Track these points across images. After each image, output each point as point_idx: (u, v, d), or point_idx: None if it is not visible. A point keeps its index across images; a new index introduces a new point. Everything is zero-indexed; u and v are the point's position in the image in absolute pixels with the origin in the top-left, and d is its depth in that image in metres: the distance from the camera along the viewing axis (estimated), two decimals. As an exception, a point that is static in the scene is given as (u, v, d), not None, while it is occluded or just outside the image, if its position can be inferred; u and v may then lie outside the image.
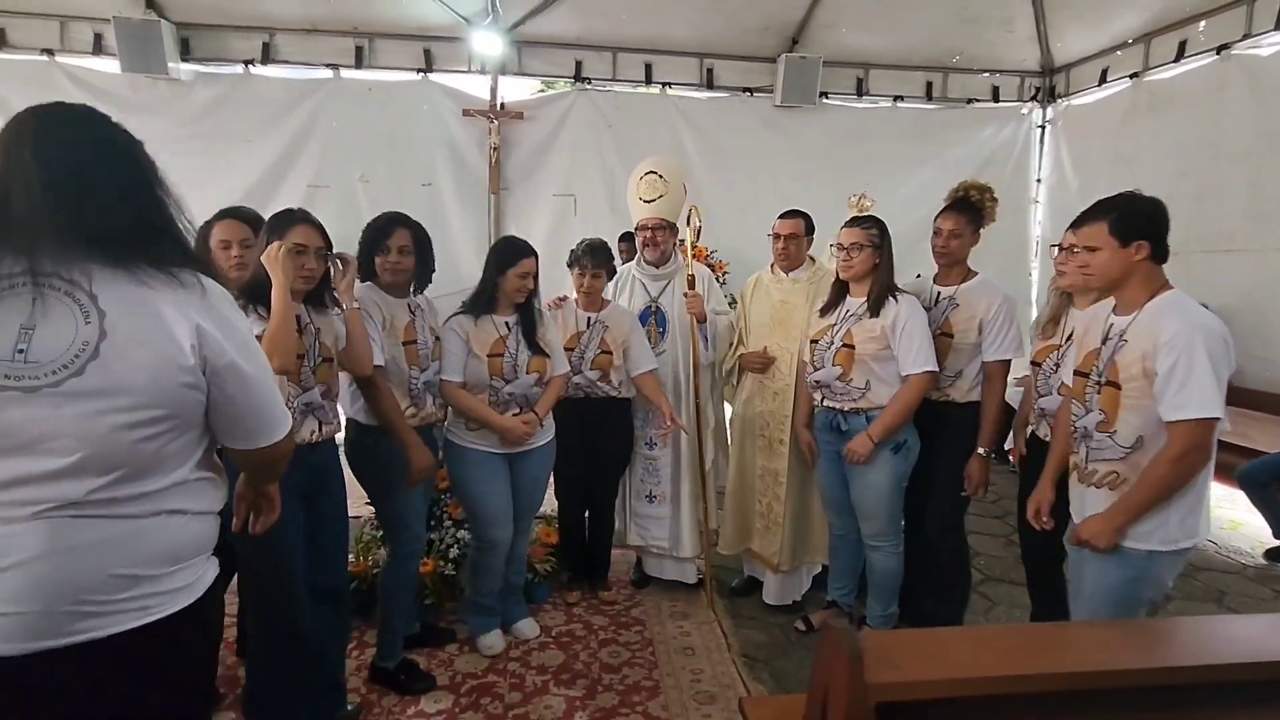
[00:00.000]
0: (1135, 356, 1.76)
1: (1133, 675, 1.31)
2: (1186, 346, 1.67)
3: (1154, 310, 1.77)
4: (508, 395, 2.57)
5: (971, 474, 2.59)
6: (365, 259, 2.35)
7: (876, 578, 2.70)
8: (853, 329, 2.54)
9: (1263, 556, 3.79)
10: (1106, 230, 1.78)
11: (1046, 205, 6.04)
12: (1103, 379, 1.84)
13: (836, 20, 5.40)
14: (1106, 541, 1.79)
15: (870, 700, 1.21)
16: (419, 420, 2.44)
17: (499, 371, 2.54)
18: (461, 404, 2.55)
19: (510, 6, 5.16)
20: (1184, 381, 1.66)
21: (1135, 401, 1.76)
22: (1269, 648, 1.40)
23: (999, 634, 1.82)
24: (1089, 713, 1.33)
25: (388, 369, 2.31)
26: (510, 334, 2.57)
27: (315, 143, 5.30)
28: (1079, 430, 1.92)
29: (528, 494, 2.73)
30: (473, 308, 2.58)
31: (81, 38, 4.93)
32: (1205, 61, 4.59)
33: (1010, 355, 2.55)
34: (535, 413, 2.59)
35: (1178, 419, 1.68)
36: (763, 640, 2.88)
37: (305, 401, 2.02)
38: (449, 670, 2.62)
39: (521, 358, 2.56)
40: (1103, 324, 1.89)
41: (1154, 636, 1.50)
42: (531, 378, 2.59)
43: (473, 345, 2.53)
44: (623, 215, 5.35)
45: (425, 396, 2.47)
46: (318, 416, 2.06)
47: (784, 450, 2.89)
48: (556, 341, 2.71)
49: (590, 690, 2.53)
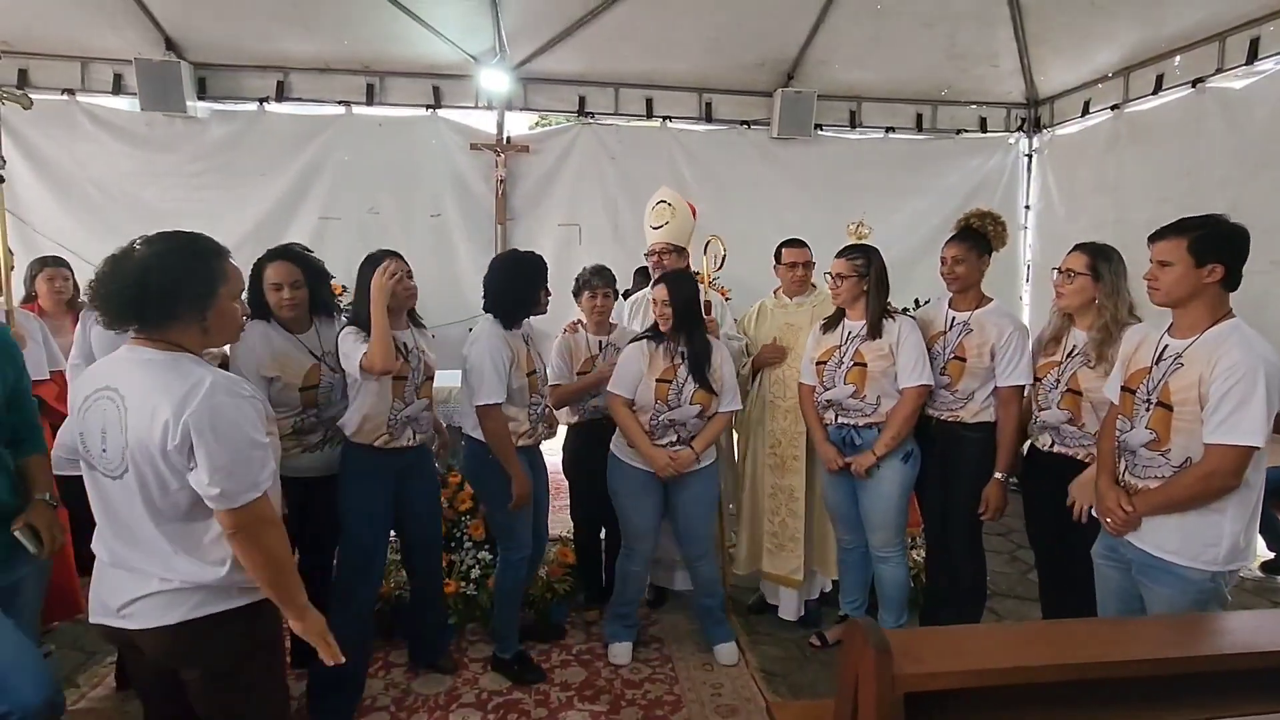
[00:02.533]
0: (1192, 380, 1.77)
1: (1145, 665, 1.41)
2: (1248, 375, 1.68)
3: (1216, 336, 1.78)
4: (667, 421, 2.69)
5: (989, 499, 2.66)
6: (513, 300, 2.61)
7: (886, 589, 2.79)
8: (861, 349, 2.67)
9: (1259, 569, 3.89)
10: (1185, 247, 1.78)
11: (1034, 231, 6.24)
12: (1153, 399, 1.86)
13: (830, 56, 5.62)
14: (1122, 528, 1.89)
15: (899, 690, 1.30)
16: (533, 441, 2.70)
17: (664, 396, 2.66)
18: (622, 421, 2.72)
19: (517, 45, 5.36)
20: (1236, 407, 1.69)
21: (1186, 425, 1.79)
22: (1271, 640, 1.50)
23: (1014, 630, 1.91)
24: (1102, 702, 1.43)
25: (514, 398, 2.57)
26: (683, 364, 2.68)
27: (327, 176, 5.44)
28: (1121, 444, 1.97)
29: (686, 516, 2.81)
30: (655, 335, 2.75)
31: (102, 78, 5.08)
32: (1182, 94, 4.81)
33: (1024, 381, 2.61)
34: (692, 447, 2.71)
35: (1222, 442, 1.70)
36: (780, 655, 2.96)
37: (407, 415, 2.44)
38: (475, 688, 2.68)
39: (688, 389, 2.67)
40: (1155, 345, 1.91)
41: (1165, 630, 1.60)
42: (694, 409, 2.69)
43: (649, 368, 2.68)
44: (625, 244, 5.53)
45: (540, 423, 2.71)
46: (413, 428, 2.48)
47: (799, 466, 3.00)
48: (730, 380, 2.78)
49: (614, 706, 2.59)
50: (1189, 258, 1.80)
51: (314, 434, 2.47)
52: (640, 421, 2.70)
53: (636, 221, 5.45)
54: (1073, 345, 2.45)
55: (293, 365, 2.40)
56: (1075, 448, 2.44)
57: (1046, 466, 2.50)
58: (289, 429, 2.40)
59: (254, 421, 1.47)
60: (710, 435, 2.76)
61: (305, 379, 2.41)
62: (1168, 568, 1.86)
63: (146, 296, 1.43)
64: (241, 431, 1.44)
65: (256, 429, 1.47)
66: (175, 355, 1.47)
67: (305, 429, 2.45)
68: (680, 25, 5.29)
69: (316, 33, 5.07)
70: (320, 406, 2.46)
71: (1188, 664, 1.37)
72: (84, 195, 5.03)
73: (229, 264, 1.56)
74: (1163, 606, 1.87)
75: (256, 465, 1.45)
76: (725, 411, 2.78)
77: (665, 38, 5.39)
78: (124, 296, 1.43)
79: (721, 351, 2.79)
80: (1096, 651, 1.39)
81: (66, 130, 4.98)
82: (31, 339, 2.81)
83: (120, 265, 1.45)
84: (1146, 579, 1.92)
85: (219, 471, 1.40)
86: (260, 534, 1.46)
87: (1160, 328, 1.98)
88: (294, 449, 2.41)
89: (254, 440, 1.46)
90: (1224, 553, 1.81)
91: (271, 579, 1.49)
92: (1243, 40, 4.40)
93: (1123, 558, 2.00)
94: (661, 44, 5.45)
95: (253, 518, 1.44)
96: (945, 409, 2.71)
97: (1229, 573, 1.84)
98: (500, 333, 2.55)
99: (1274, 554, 3.80)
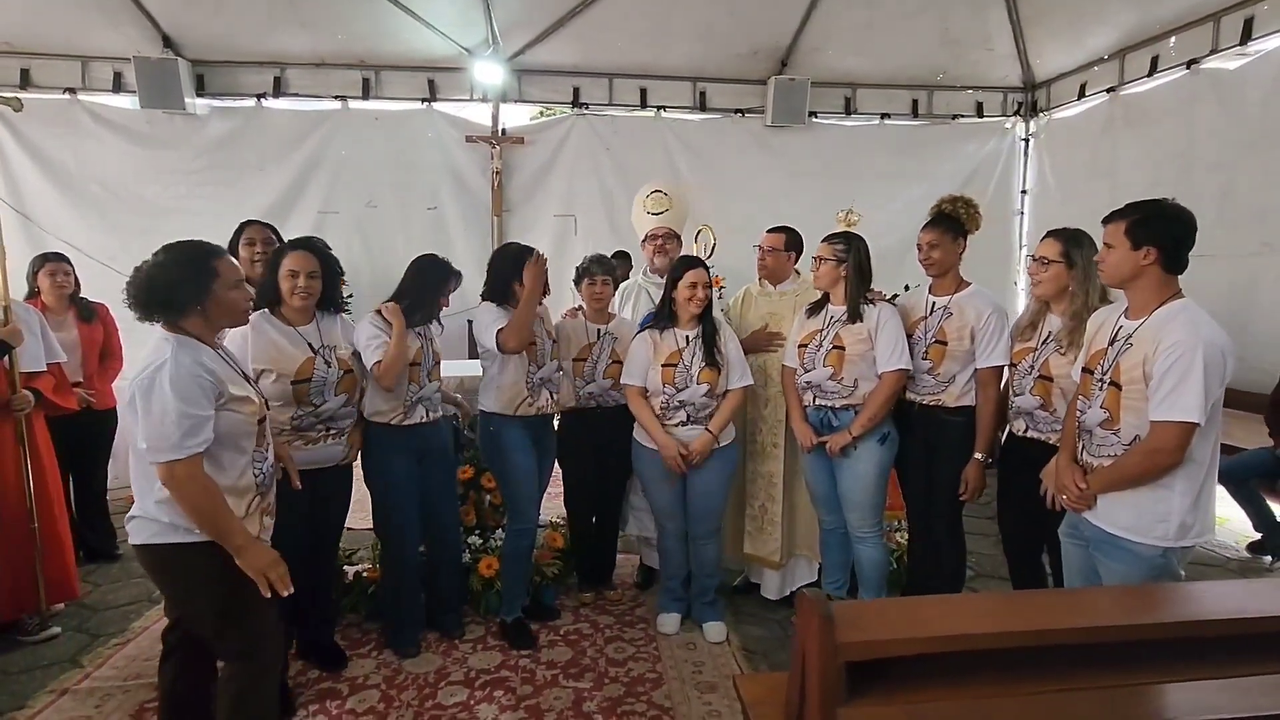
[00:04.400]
0: (1138, 359, 1.84)
1: (1083, 634, 1.46)
2: (1186, 353, 1.74)
3: (1162, 317, 1.84)
4: (677, 403, 2.79)
5: (969, 479, 2.70)
6: (503, 284, 2.83)
7: (865, 569, 2.84)
8: (840, 332, 2.71)
9: (1245, 550, 3.92)
10: (1123, 230, 1.88)
11: (1031, 216, 6.21)
12: (1106, 379, 1.92)
13: (824, 43, 5.62)
14: (1077, 504, 1.98)
15: (840, 659, 1.36)
16: (535, 411, 2.88)
17: (671, 379, 2.78)
18: (639, 412, 2.87)
19: (510, 37, 5.40)
20: (1174, 386, 1.75)
21: (1134, 403, 1.86)
22: (1242, 607, 1.54)
23: (966, 601, 1.96)
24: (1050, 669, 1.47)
25: (514, 367, 2.83)
26: (689, 346, 2.81)
27: (324, 171, 5.51)
28: (1080, 424, 2.02)
29: (699, 495, 2.89)
30: (658, 321, 2.87)
31: (102, 76, 5.16)
32: (1176, 75, 4.78)
33: (1002, 362, 2.65)
34: (709, 430, 2.79)
35: (1163, 419, 1.78)
36: (762, 634, 3.02)
37: (420, 396, 2.73)
38: (464, 667, 2.76)
39: (695, 368, 2.78)
40: (1112, 326, 1.98)
41: (1106, 599, 1.65)
42: (702, 387, 2.77)
43: (655, 355, 2.82)
44: (621, 234, 5.56)
45: (541, 391, 2.89)
46: (425, 406, 2.76)
47: (778, 453, 3.05)
48: (737, 356, 2.86)
49: (597, 682, 2.66)
50: (1126, 240, 1.87)
51: (312, 430, 2.50)
52: (652, 406, 2.83)
53: (632, 211, 5.50)
54: (1047, 331, 2.48)
55: (285, 358, 2.43)
56: (1047, 433, 2.47)
57: (1021, 452, 2.54)
58: (287, 425, 2.44)
59: (192, 397, 1.74)
60: (726, 413, 2.82)
61: (298, 373, 2.45)
62: (1120, 543, 1.90)
63: (154, 297, 1.80)
64: (170, 402, 1.71)
65: (193, 404, 1.73)
66: (176, 338, 1.81)
67: (304, 426, 2.47)
68: (673, 14, 5.31)
69: (312, 28, 5.13)
70: (314, 402, 2.47)
71: (1124, 632, 1.42)
72: (87, 192, 5.13)
73: (221, 262, 1.89)
74: (1117, 581, 1.92)
75: (178, 432, 1.71)
76: (737, 388, 2.84)
77: (658, 27, 5.41)
78: (140, 298, 1.81)
79: (725, 329, 2.89)
80: (1036, 619, 1.44)
81: (68, 129, 5.07)
82: (30, 332, 2.88)
83: (138, 273, 1.83)
84: (1101, 554, 1.97)
85: (147, 430, 1.73)
86: (181, 488, 1.74)
87: (1117, 309, 2.03)
88: (295, 442, 2.46)
89: (183, 411, 1.72)
90: (1174, 529, 1.85)
91: (200, 522, 1.77)
92: (1237, 20, 4.37)
93: (1082, 535, 2.04)
94: (655, 33, 5.47)
95: (172, 475, 1.72)
96: (928, 393, 2.75)
97: (1181, 549, 1.88)
98: (496, 312, 2.80)
99: (1260, 534, 3.82)
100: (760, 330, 3.09)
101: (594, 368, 3.05)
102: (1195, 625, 1.43)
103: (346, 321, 2.68)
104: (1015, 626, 1.40)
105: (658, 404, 2.82)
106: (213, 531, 1.78)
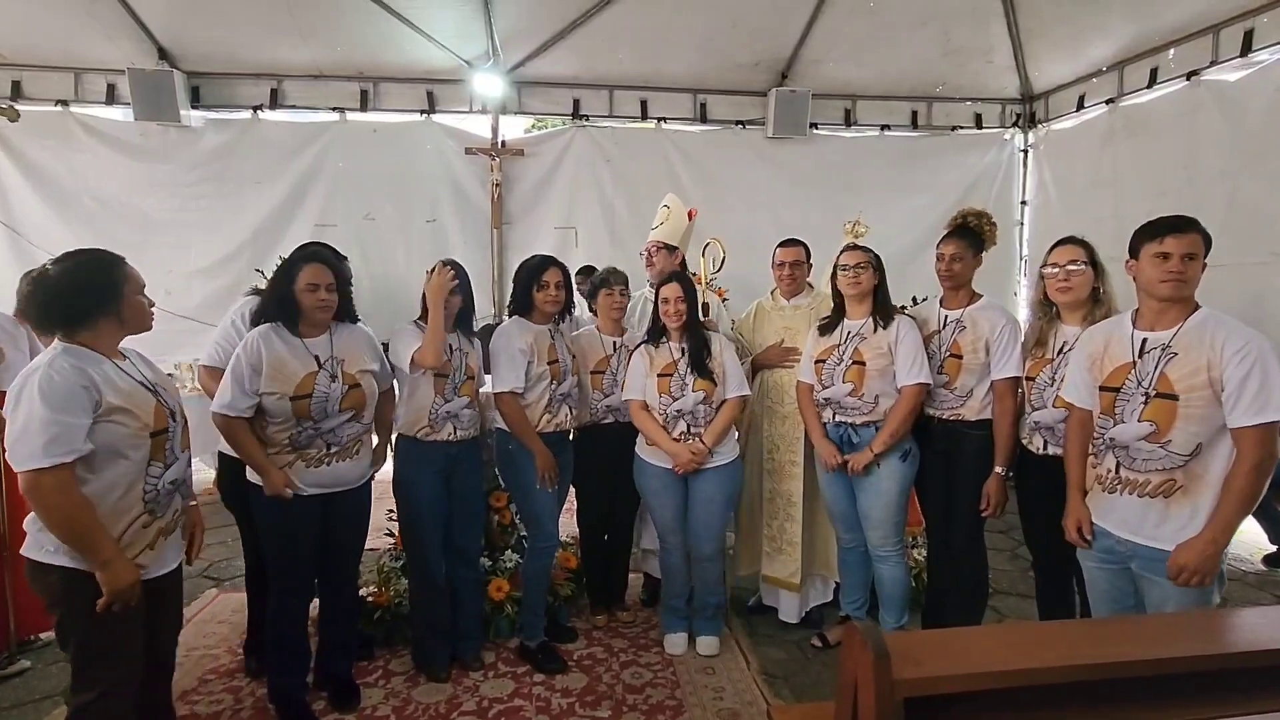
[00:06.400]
0: (1197, 367, 1.79)
1: (1148, 665, 1.40)
2: (1259, 354, 1.72)
3: (1201, 324, 1.82)
4: (675, 412, 2.78)
5: (990, 493, 2.64)
6: (523, 294, 2.82)
7: (886, 588, 2.77)
8: (860, 347, 2.66)
9: (1261, 562, 3.88)
10: (1200, 241, 1.84)
11: (1031, 226, 6.24)
12: (1152, 391, 1.86)
13: (824, 55, 5.62)
14: (1214, 568, 1.81)
15: (899, 695, 1.29)
16: (554, 427, 2.82)
17: (667, 390, 2.77)
18: (641, 423, 2.85)
19: (511, 49, 5.37)
20: (1261, 386, 1.71)
21: (1197, 411, 1.79)
22: (1272, 637, 1.49)
23: (1015, 631, 1.90)
24: (1107, 702, 1.41)
25: (533, 384, 2.77)
26: (684, 357, 2.80)
27: (322, 183, 5.45)
28: (1105, 441, 1.96)
29: (701, 513, 2.85)
30: (652, 334, 2.88)
31: (95, 88, 5.09)
32: (1177, 87, 4.80)
33: (1016, 373, 2.59)
34: (703, 441, 2.76)
35: (1257, 422, 1.71)
36: (781, 657, 2.94)
37: (446, 410, 2.65)
38: (475, 695, 2.67)
39: (690, 379, 2.77)
40: (1128, 340, 1.93)
41: (1165, 629, 1.59)
42: (698, 395, 2.76)
43: (650, 367, 2.83)
44: (622, 246, 5.52)
45: (562, 406, 2.84)
46: (453, 423, 2.67)
47: (797, 471, 2.99)
48: (733, 367, 2.84)
49: (615, 711, 2.58)
50: (1203, 250, 1.84)
51: (312, 448, 2.37)
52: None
53: (633, 223, 5.48)
54: (1063, 341, 2.43)
55: (286, 373, 2.33)
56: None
57: (1042, 470, 2.47)
58: (285, 442, 2.34)
59: (61, 404, 1.65)
60: (721, 424, 2.78)
61: (298, 388, 2.34)
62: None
63: (62, 307, 1.73)
64: (36, 408, 1.64)
65: (62, 410, 1.65)
66: (62, 345, 1.74)
67: (302, 443, 2.35)
68: (674, 26, 5.30)
69: (309, 39, 5.08)
70: (315, 418, 2.36)
71: (1190, 663, 1.36)
72: (79, 206, 5.04)
73: (128, 268, 1.86)
74: (1166, 599, 1.87)
75: (41, 439, 1.63)
76: (734, 398, 2.80)
77: (659, 39, 5.40)
78: (44, 307, 1.74)
79: (721, 340, 2.85)
80: (1098, 652, 1.38)
81: (61, 141, 4.99)
82: (15, 348, 2.80)
83: (39, 283, 1.74)
84: (1150, 573, 1.91)
85: (10, 436, 1.66)
86: (44, 499, 1.67)
87: (1119, 325, 2.00)
88: (295, 463, 2.35)
89: (49, 418, 1.63)
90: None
91: (62, 536, 1.70)
92: (1237, 32, 4.40)
93: (1119, 557, 1.98)
94: (655, 45, 5.45)
95: (35, 485, 1.65)
96: (947, 408, 2.70)
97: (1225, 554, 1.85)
98: (516, 327, 2.79)
99: (1276, 547, 3.79)
100: (776, 345, 3.04)
101: (613, 380, 2.99)
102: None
103: (369, 333, 2.59)
104: (1086, 659, 1.33)
105: (657, 416, 2.80)
106: (76, 546, 1.70)
